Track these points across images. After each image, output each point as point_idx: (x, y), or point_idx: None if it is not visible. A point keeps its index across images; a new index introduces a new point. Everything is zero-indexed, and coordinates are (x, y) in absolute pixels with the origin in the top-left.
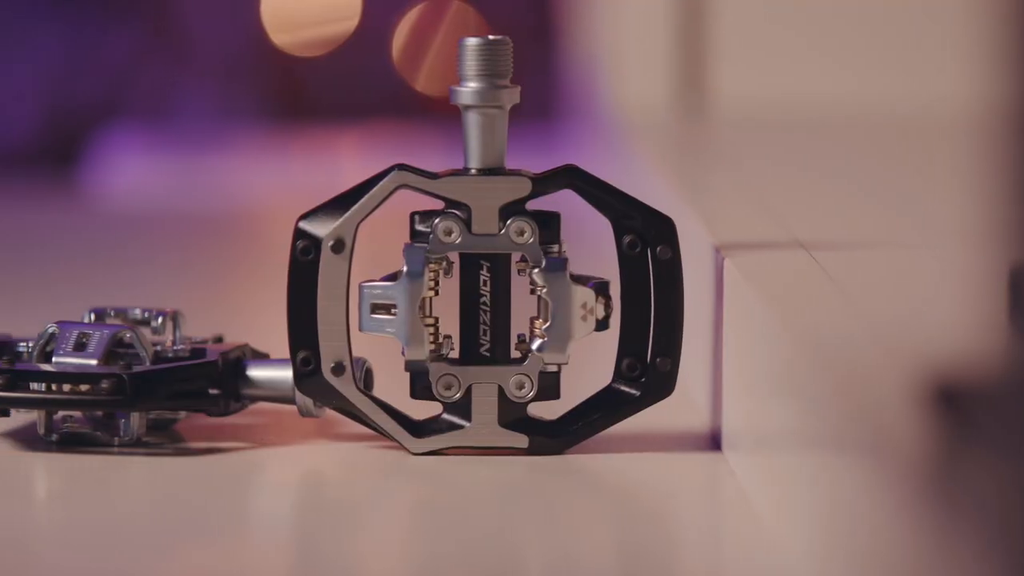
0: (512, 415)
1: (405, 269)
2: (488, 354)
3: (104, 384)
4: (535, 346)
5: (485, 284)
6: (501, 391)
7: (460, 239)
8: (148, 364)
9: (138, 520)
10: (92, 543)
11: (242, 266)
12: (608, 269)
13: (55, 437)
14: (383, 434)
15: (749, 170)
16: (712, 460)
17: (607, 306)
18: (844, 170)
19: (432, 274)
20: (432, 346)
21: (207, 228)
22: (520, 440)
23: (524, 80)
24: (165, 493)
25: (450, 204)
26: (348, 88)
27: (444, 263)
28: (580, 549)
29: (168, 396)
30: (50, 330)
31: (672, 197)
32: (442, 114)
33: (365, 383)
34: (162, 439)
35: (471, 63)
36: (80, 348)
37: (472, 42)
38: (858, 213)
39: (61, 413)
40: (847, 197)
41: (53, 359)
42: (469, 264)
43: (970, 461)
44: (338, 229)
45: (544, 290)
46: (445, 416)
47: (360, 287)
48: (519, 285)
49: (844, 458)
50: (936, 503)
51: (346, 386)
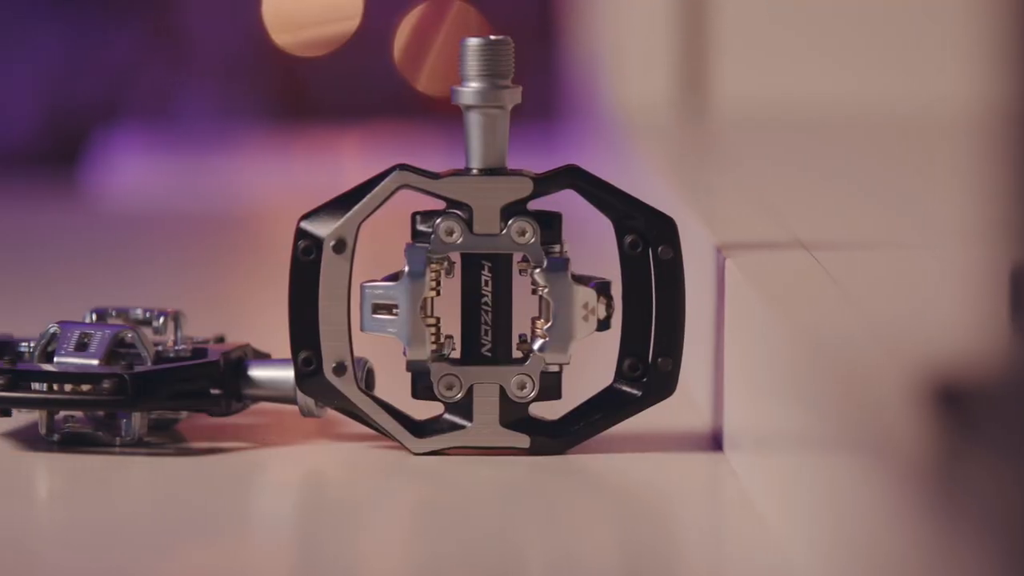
0: (513, 415)
1: (407, 269)
2: (489, 354)
3: (106, 384)
4: (536, 346)
5: (487, 284)
6: (502, 391)
7: (461, 239)
8: (150, 364)
9: (139, 520)
10: (93, 543)
11: (244, 266)
12: (609, 269)
13: (56, 437)
14: (384, 434)
15: (750, 170)
16: (713, 460)
17: (608, 306)
18: (845, 170)
19: (434, 274)
20: (433, 346)
21: (208, 228)
22: (521, 440)
23: (525, 80)
24: (166, 493)
25: (451, 204)
26: (349, 88)
27: (445, 263)
28: (581, 549)
29: (169, 396)
30: (51, 330)
31: (673, 197)
32: (443, 114)
33: (366, 383)
34: (163, 439)
35: (472, 63)
36: (82, 348)
37: (473, 42)
38: (859, 213)
39: (63, 413)
40: (848, 197)
41: (55, 359)
42: (470, 264)
43: (971, 461)
44: (339, 229)
45: (545, 290)
46: (446, 416)
47: (361, 287)
48: (520, 285)
49: (845, 458)
50: (937, 503)
51: (347, 386)
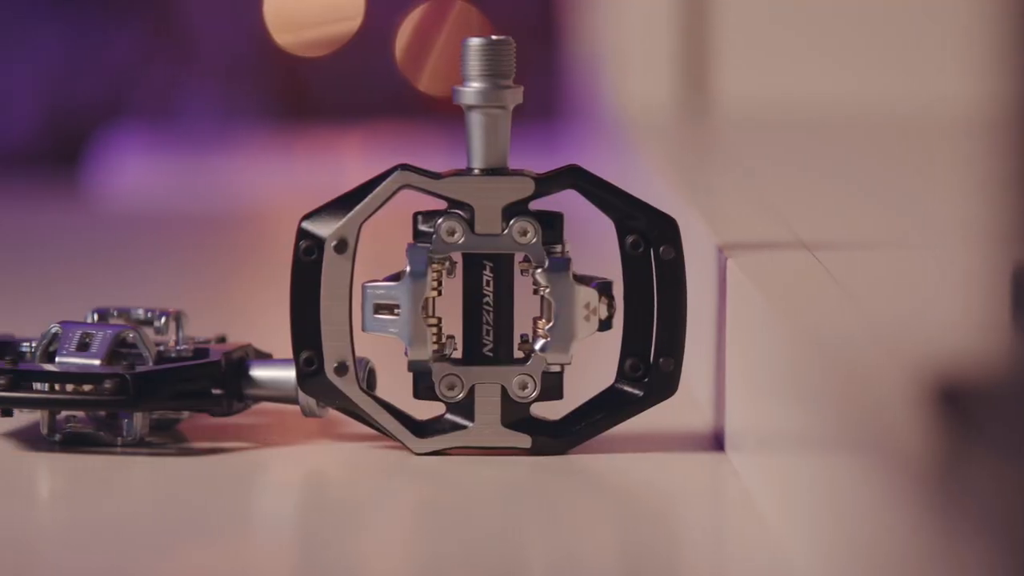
0: (515, 415)
1: (408, 269)
2: (491, 354)
3: (107, 384)
4: (538, 346)
5: (488, 284)
6: (504, 391)
7: (463, 239)
8: (151, 364)
9: (141, 520)
10: (95, 543)
11: (245, 266)
12: (611, 269)
13: (58, 437)
14: (386, 434)
15: (752, 170)
16: (715, 460)
17: (610, 306)
18: (846, 170)
19: (435, 274)
20: (435, 346)
21: (210, 228)
22: (523, 440)
23: (527, 80)
24: (168, 493)
25: (453, 204)
26: (351, 88)
27: (447, 263)
28: (583, 549)
29: (171, 396)
30: (53, 330)
31: (675, 197)
32: (445, 114)
33: (368, 383)
34: (165, 439)
35: (474, 63)
36: (83, 348)
37: (475, 42)
38: (860, 213)
39: (64, 413)
40: (849, 197)
41: (56, 359)
42: (472, 264)
43: (972, 461)
44: (341, 229)
45: (547, 290)
46: (448, 416)
47: (363, 287)
48: (522, 285)
49: (846, 458)
50: (937, 503)
51: (349, 386)
